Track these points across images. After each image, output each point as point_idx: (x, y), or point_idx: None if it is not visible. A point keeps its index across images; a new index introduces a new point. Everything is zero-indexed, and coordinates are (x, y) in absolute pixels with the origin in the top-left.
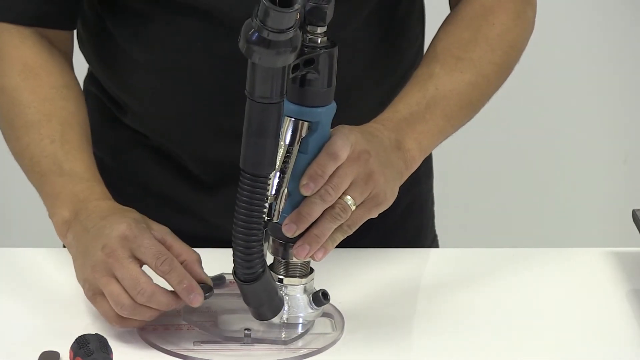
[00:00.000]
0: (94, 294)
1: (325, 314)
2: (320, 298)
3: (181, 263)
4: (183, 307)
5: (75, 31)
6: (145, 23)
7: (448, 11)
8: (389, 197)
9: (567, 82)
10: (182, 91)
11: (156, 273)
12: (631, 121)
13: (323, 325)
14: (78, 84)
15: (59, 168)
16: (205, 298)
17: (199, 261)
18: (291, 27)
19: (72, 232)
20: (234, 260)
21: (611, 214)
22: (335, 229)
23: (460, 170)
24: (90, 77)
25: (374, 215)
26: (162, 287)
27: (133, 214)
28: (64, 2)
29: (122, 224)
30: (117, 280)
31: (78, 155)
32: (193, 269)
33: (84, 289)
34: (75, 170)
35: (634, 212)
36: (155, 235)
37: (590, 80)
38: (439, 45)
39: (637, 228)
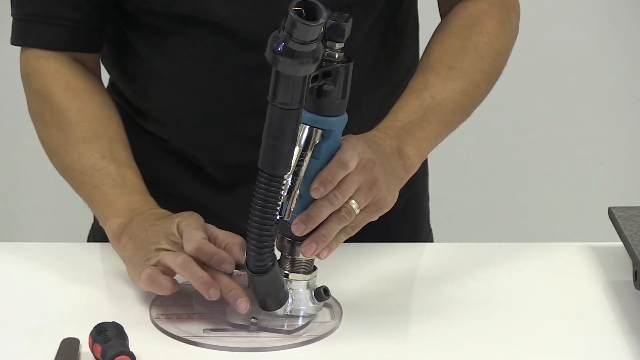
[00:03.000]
0: (147, 267)
1: (325, 304)
2: (321, 294)
3: (225, 246)
4: (194, 297)
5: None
6: (165, 37)
7: (439, 18)
8: (390, 203)
9: (550, 89)
10: (198, 99)
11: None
12: (607, 126)
13: (323, 315)
14: (112, 102)
15: (113, 180)
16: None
17: (241, 245)
18: (314, 40)
19: (127, 234)
20: (247, 253)
21: (589, 211)
22: (340, 230)
23: (452, 171)
24: (111, 85)
25: (375, 218)
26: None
27: (186, 212)
28: (92, 26)
29: (194, 215)
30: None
31: (129, 171)
32: (233, 250)
33: (135, 273)
34: (129, 184)
35: (609, 210)
36: (206, 230)
37: (571, 89)
38: (432, 56)
39: (613, 224)
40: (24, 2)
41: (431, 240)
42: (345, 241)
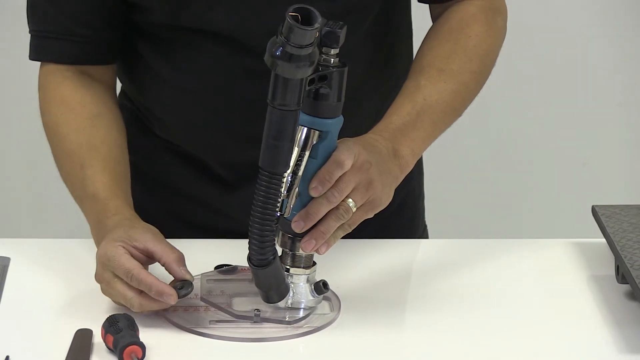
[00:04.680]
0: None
1: (324, 297)
2: (320, 287)
3: (163, 264)
4: (201, 291)
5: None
6: (171, 46)
7: (431, 22)
8: (385, 201)
9: (535, 95)
10: (204, 104)
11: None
12: (590, 129)
13: (322, 307)
14: (114, 110)
15: (84, 192)
16: (183, 295)
17: (180, 260)
18: (310, 44)
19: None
20: (249, 247)
21: (574, 210)
22: (338, 227)
23: (446, 170)
24: (123, 92)
25: (371, 216)
26: (146, 295)
27: (116, 233)
28: (102, 41)
29: (101, 249)
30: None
31: (98, 177)
32: (172, 269)
33: None
34: (95, 192)
35: (593, 208)
36: (137, 246)
37: (555, 94)
38: (424, 59)
39: (596, 221)
40: (38, 20)
41: (426, 237)
42: (344, 237)
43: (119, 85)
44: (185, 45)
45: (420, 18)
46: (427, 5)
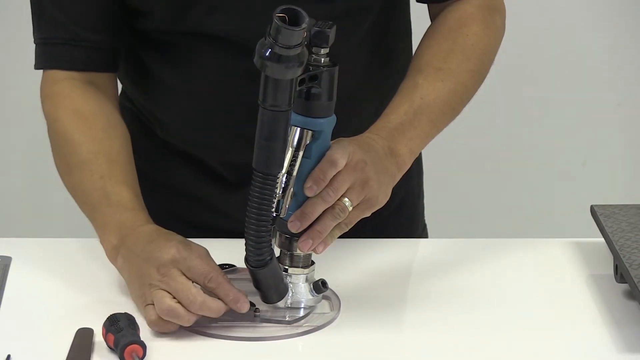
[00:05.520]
0: (147, 305)
1: (324, 297)
2: (319, 286)
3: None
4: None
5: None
6: (171, 50)
7: (429, 23)
8: (381, 200)
9: (536, 95)
10: (205, 105)
11: (206, 289)
12: (589, 130)
13: (322, 306)
14: (122, 122)
15: (107, 200)
16: (251, 310)
17: (229, 280)
18: (299, 44)
19: (121, 257)
20: (246, 248)
21: (573, 209)
22: (334, 226)
23: (445, 170)
24: (124, 94)
25: (367, 215)
26: (210, 296)
27: (177, 236)
28: (110, 47)
29: (172, 247)
30: (172, 295)
31: (123, 188)
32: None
33: (137, 302)
34: (122, 201)
35: (592, 208)
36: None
37: (555, 94)
38: (422, 59)
39: (595, 221)
40: (46, 27)
41: (426, 236)
42: (343, 236)
43: (119, 87)
44: (186, 48)
45: (420, 18)
46: (426, 5)
